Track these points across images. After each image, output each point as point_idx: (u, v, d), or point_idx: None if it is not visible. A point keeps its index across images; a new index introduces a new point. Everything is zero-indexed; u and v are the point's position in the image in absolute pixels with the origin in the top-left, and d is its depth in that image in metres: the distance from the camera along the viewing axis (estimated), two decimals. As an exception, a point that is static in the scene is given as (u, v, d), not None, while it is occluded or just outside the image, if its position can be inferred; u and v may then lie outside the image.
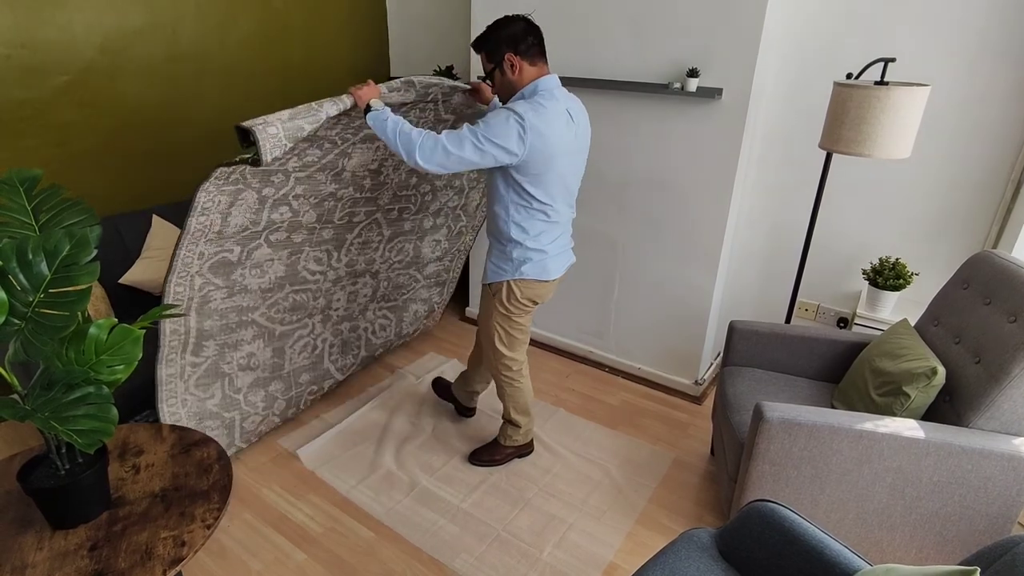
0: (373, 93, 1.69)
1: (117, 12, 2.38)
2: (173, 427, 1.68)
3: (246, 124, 1.49)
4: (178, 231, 2.52)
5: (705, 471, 2.27)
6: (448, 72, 3.16)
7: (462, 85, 2.02)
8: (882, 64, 1.87)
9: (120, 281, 2.34)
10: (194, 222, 1.66)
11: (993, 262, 1.73)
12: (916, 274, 2.32)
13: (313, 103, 1.62)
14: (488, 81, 1.82)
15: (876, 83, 1.84)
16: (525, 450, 2.29)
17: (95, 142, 2.43)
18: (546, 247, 1.85)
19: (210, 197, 1.65)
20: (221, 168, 1.58)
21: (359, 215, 2.14)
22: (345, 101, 1.68)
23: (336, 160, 1.89)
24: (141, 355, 1.29)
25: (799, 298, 2.68)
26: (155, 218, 2.49)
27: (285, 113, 1.56)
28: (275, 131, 1.53)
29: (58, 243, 1.14)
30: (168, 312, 1.48)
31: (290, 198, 1.88)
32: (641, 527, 1.99)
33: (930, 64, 2.16)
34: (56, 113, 2.29)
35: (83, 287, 1.15)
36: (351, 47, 3.40)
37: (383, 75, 3.64)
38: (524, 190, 1.75)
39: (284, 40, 3.04)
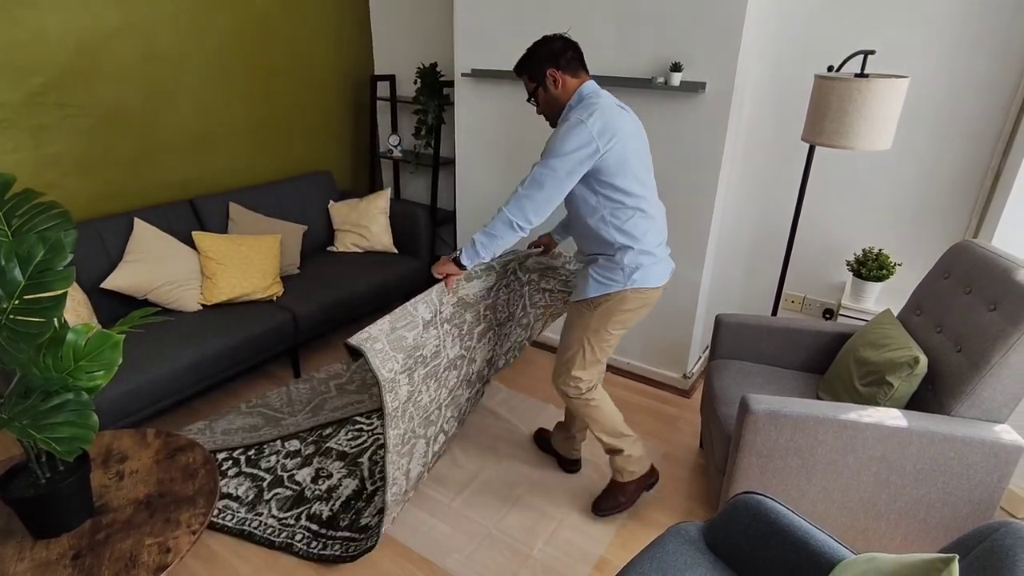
0: (447, 261, 1.75)
1: (91, 13, 2.34)
2: (158, 432, 1.67)
3: (354, 342, 1.53)
4: (161, 233, 2.49)
5: (695, 464, 2.28)
6: (432, 69, 3.14)
7: (533, 251, 2.09)
8: (862, 56, 1.88)
9: (102, 286, 2.31)
10: (390, 497, 1.72)
11: (973, 252, 1.75)
12: (899, 264, 2.34)
13: (407, 304, 1.70)
14: (531, 101, 1.79)
15: (856, 75, 1.85)
16: (650, 479, 2.03)
17: (72, 144, 2.39)
18: (654, 250, 1.75)
19: (397, 465, 1.71)
20: (393, 435, 1.64)
21: (460, 386, 2.11)
22: (432, 295, 1.76)
23: (440, 354, 1.91)
24: (121, 360, 1.27)
25: (785, 290, 2.70)
26: (136, 221, 2.46)
27: (386, 324, 1.62)
28: (381, 346, 1.59)
29: (32, 248, 1.12)
30: (149, 315, 1.46)
31: (441, 425, 1.99)
32: (631, 521, 1.99)
33: (909, 56, 2.18)
34: (31, 116, 2.26)
35: (58, 293, 1.14)
36: (334, 46, 3.37)
37: (367, 74, 3.62)
38: (614, 187, 1.67)
39: (265, 40, 3.01)
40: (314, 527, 1.90)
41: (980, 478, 1.55)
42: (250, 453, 2.23)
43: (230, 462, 2.19)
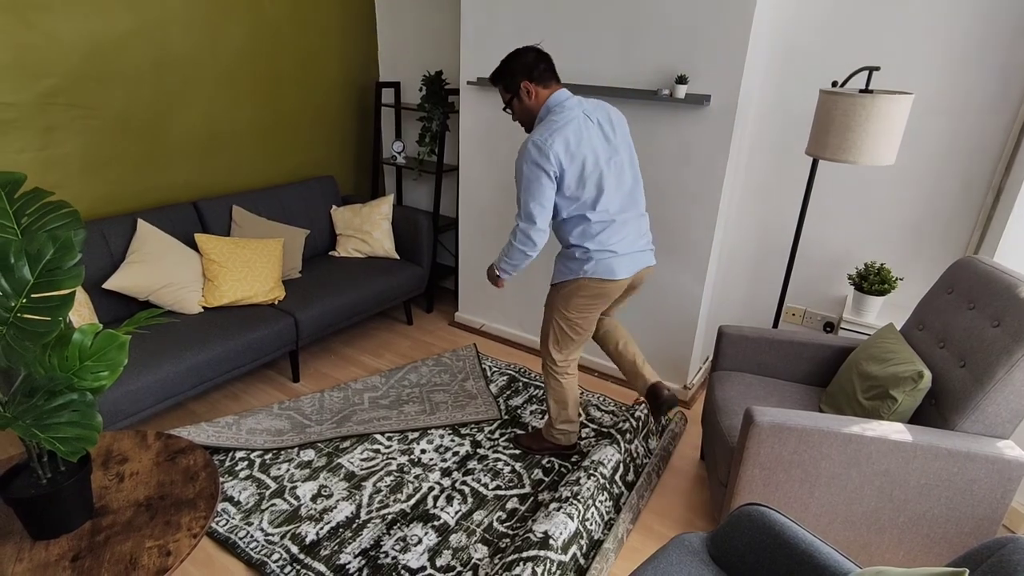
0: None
1: (104, 18, 2.35)
2: (159, 434, 1.66)
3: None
4: (164, 234, 2.49)
5: (695, 476, 2.27)
6: (437, 77, 3.16)
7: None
8: (867, 72, 1.90)
9: (104, 286, 2.30)
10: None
11: (976, 268, 1.76)
12: (900, 279, 2.35)
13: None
14: (507, 110, 1.96)
15: (861, 91, 1.87)
16: (565, 451, 2.29)
17: (80, 146, 2.40)
18: (613, 246, 1.90)
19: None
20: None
21: None
22: None
23: None
24: (126, 361, 1.27)
25: (786, 303, 2.71)
26: (140, 222, 2.46)
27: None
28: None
29: (41, 247, 1.12)
30: (155, 316, 1.45)
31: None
32: (634, 531, 1.98)
33: (914, 73, 2.20)
34: (41, 116, 2.26)
35: (67, 292, 1.13)
36: (340, 52, 3.39)
37: (372, 81, 3.63)
38: (571, 200, 1.86)
39: (274, 47, 3.03)
40: (294, 549, 1.83)
41: (983, 493, 1.55)
42: (266, 457, 2.20)
43: (245, 463, 2.17)
